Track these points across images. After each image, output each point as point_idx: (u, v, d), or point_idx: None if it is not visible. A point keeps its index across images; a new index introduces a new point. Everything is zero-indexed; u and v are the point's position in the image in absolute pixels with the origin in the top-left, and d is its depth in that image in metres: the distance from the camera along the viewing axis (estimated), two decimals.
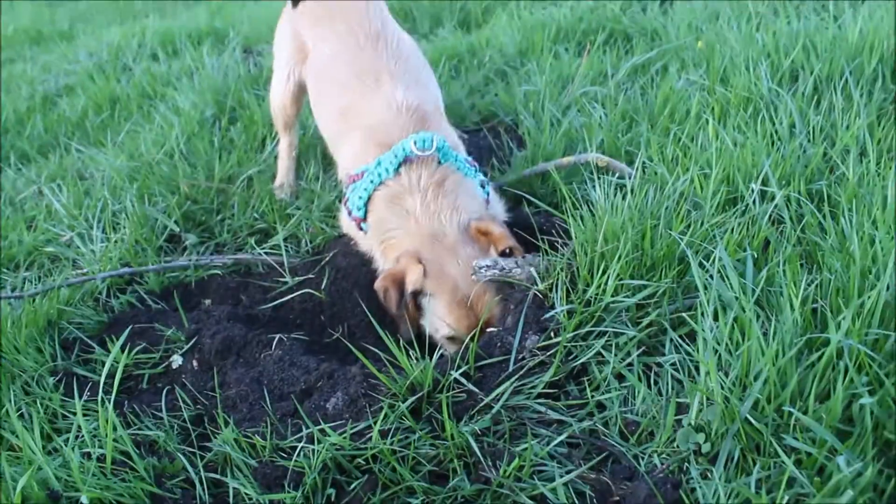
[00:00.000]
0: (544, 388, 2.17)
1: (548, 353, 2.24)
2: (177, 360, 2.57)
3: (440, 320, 2.53)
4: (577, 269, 2.41)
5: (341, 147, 3.03)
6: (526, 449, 1.97)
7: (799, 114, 3.12)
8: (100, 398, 2.26)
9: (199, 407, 2.40)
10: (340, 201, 2.98)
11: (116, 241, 3.26)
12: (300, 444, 2.10)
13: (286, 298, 2.84)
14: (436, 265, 2.53)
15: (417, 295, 2.55)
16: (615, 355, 2.19)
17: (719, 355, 2.00)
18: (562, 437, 2.03)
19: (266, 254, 3.07)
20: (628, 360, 2.18)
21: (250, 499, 2.00)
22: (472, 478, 1.97)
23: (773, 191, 2.57)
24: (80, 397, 2.27)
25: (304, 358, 2.44)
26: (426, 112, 2.87)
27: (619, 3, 4.99)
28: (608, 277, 2.30)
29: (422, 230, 2.59)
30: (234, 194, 3.44)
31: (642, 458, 1.96)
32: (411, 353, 2.25)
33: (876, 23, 3.69)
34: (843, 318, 1.90)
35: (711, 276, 2.19)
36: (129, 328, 2.66)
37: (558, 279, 2.40)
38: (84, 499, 1.94)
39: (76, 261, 3.26)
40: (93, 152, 4.43)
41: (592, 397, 2.14)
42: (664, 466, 1.90)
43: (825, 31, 3.84)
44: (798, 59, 3.60)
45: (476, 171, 2.80)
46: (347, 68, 3.05)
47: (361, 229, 2.79)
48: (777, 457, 1.76)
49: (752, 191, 2.60)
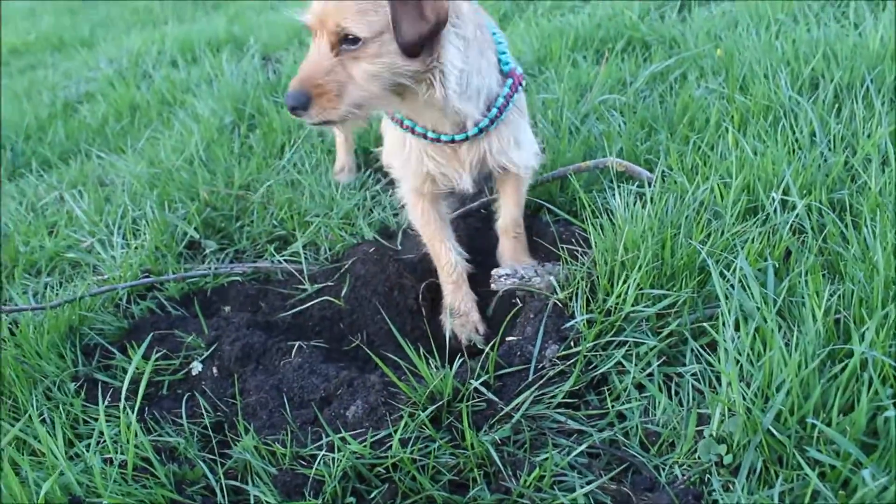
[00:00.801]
0: (564, 398, 2.16)
1: (568, 363, 2.23)
2: (196, 367, 2.58)
3: None
4: (597, 278, 2.41)
5: None
6: (546, 459, 1.96)
7: (819, 122, 3.10)
8: (122, 404, 2.28)
9: (219, 414, 2.41)
10: None
11: (137, 248, 3.28)
12: (320, 453, 2.11)
13: (305, 306, 2.85)
14: None
15: None
16: (635, 365, 2.18)
17: (741, 366, 1.99)
18: (582, 447, 2.02)
19: (285, 261, 3.09)
20: (649, 370, 2.18)
21: None
22: (493, 487, 1.97)
23: (795, 200, 2.56)
24: (102, 403, 2.29)
25: (324, 366, 2.45)
26: None
27: (637, 10, 4.98)
28: (628, 287, 2.29)
29: None
30: (253, 202, 3.45)
31: (663, 469, 1.95)
32: (431, 361, 2.25)
33: None
34: (866, 329, 1.89)
35: (732, 286, 2.19)
36: (150, 335, 2.68)
37: (578, 288, 2.40)
38: None
39: (97, 267, 3.29)
40: (113, 159, 4.47)
41: (613, 407, 2.14)
42: (685, 478, 1.89)
43: (846, 38, 3.82)
44: (818, 66, 3.58)
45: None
46: None
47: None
48: (800, 469, 1.75)
49: (773, 200, 2.59)
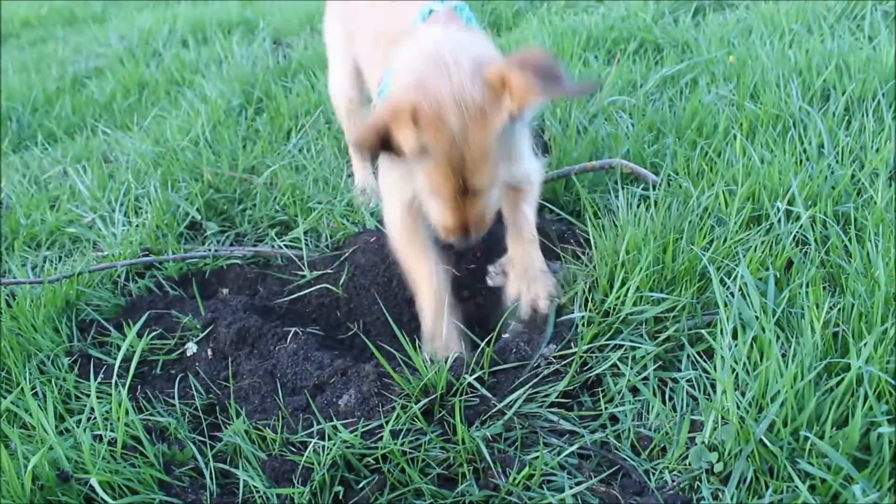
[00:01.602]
0: (558, 398, 2.16)
1: (563, 363, 2.23)
2: (191, 348, 2.57)
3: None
4: (597, 278, 2.40)
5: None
6: (536, 457, 1.96)
7: (828, 134, 3.09)
8: (114, 382, 2.28)
9: (211, 396, 2.40)
10: None
11: (138, 226, 3.27)
12: (311, 440, 2.10)
13: (304, 292, 2.84)
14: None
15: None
16: (631, 368, 2.18)
17: (736, 374, 1.99)
18: (573, 447, 2.02)
19: (286, 247, 3.08)
20: (644, 374, 2.17)
21: (258, 491, 2.00)
22: (481, 483, 1.96)
23: (799, 211, 2.55)
24: (95, 380, 2.29)
25: (319, 353, 2.44)
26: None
27: (651, 13, 4.96)
28: (628, 289, 2.29)
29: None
30: (257, 186, 3.44)
31: (653, 474, 1.95)
32: (427, 354, 2.25)
33: None
34: (864, 344, 1.89)
35: (732, 294, 2.18)
36: (146, 313, 2.68)
37: (577, 288, 2.39)
38: (93, 481, 1.95)
39: (97, 243, 3.28)
40: (119, 136, 4.46)
41: (606, 409, 2.13)
42: (675, 483, 1.89)
43: (859, 51, 3.80)
44: (830, 78, 3.56)
45: None
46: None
47: None
48: (791, 481, 1.74)
49: (778, 209, 2.58)
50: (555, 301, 2.42)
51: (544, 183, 3.13)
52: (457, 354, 2.29)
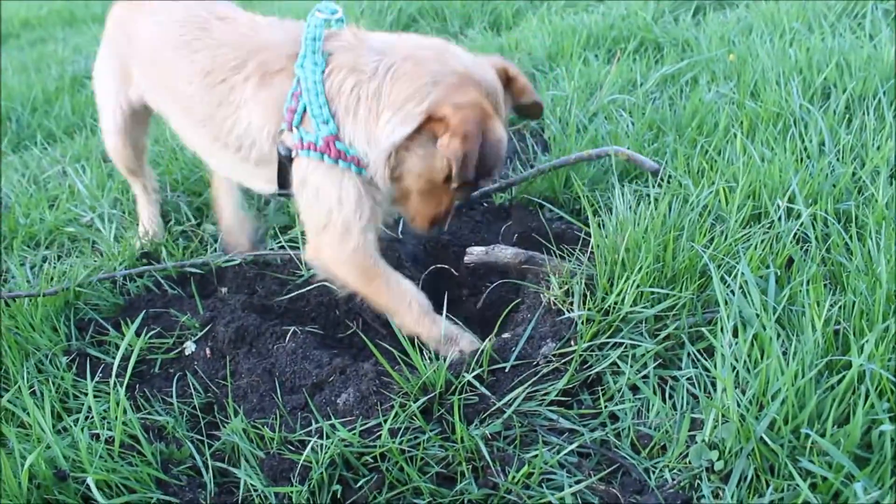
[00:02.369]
0: (557, 396, 2.14)
1: (563, 361, 2.21)
2: (190, 347, 2.56)
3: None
4: (597, 276, 2.39)
5: (237, 112, 2.42)
6: (536, 456, 1.95)
7: (829, 132, 3.08)
8: (112, 381, 2.26)
9: (209, 395, 2.40)
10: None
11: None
12: (309, 439, 2.09)
13: (302, 291, 2.83)
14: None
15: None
16: (631, 366, 2.17)
17: (737, 372, 1.97)
18: (573, 446, 2.01)
19: (283, 247, 3.07)
20: (644, 373, 2.16)
21: (256, 490, 2.00)
22: (480, 482, 1.96)
23: (800, 208, 2.54)
24: (93, 378, 2.28)
25: (317, 352, 2.43)
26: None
27: (651, 12, 4.95)
28: (628, 287, 2.27)
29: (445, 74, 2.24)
30: None
31: (653, 473, 1.94)
32: (426, 352, 2.23)
33: None
34: (866, 342, 1.88)
35: (733, 292, 2.17)
36: (145, 312, 2.67)
37: (577, 286, 2.38)
38: (90, 480, 1.94)
39: (95, 243, 3.27)
40: None
41: (606, 408, 2.12)
42: (675, 482, 1.88)
43: (860, 49, 3.79)
44: (831, 76, 3.55)
45: None
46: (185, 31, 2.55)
47: (339, 152, 2.30)
48: (792, 479, 1.73)
49: (779, 207, 2.57)
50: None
51: (542, 177, 3.13)
52: (471, 344, 2.38)
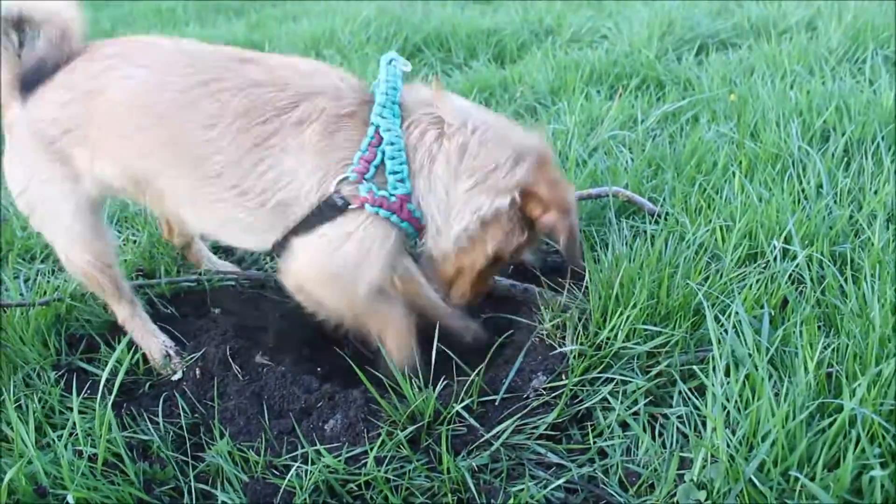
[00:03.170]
0: (546, 430, 2.13)
1: (553, 395, 2.20)
2: (178, 375, 2.54)
3: None
4: (590, 311, 2.38)
5: (279, 156, 2.20)
6: (522, 490, 1.93)
7: (827, 174, 3.09)
8: (98, 397, 2.24)
9: (196, 416, 2.37)
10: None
11: (136, 242, 3.26)
12: (294, 464, 2.07)
13: (295, 315, 2.81)
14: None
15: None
16: (621, 402, 2.15)
17: (728, 412, 1.96)
18: (560, 481, 1.99)
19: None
20: (634, 409, 2.14)
21: None
22: None
23: (796, 249, 2.54)
24: (80, 394, 2.26)
25: (307, 377, 2.41)
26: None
27: (654, 50, 4.99)
28: (621, 322, 2.27)
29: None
30: None
31: None
32: (414, 381, 2.22)
33: None
34: (858, 385, 1.86)
35: (726, 331, 2.16)
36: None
37: (570, 320, 2.37)
38: (70, 498, 1.92)
39: None
40: None
41: (595, 443, 2.10)
42: None
43: (860, 93, 3.82)
44: (830, 119, 3.57)
45: None
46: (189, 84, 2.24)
47: (409, 213, 2.20)
48: None
49: (775, 248, 2.57)
50: None
51: None
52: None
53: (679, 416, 2.10)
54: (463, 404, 2.15)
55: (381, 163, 2.15)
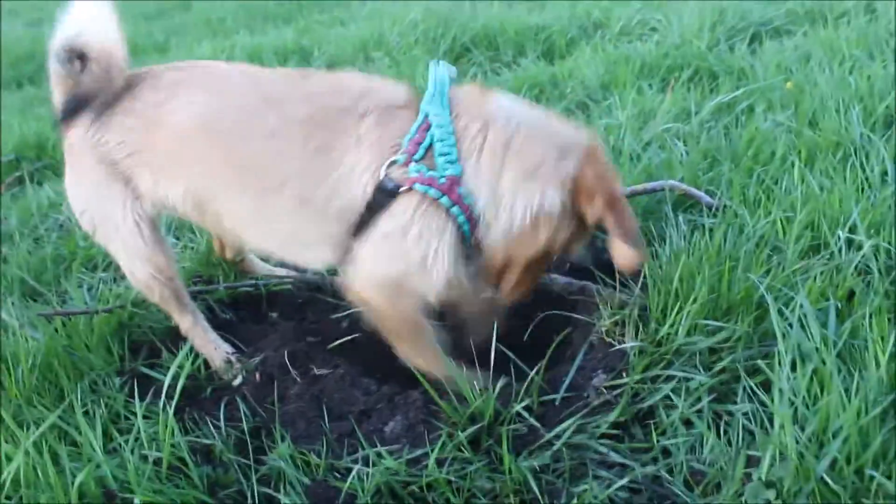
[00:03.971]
0: (608, 429, 2.10)
1: (614, 393, 2.17)
2: (238, 381, 2.57)
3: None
4: (650, 307, 2.34)
5: (341, 157, 2.20)
6: (585, 490, 1.90)
7: (892, 161, 2.99)
8: (162, 402, 2.28)
9: (257, 419, 2.40)
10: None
11: (193, 249, 3.31)
12: (355, 466, 2.08)
13: (352, 317, 2.83)
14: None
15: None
16: (684, 400, 2.11)
17: (795, 408, 1.91)
18: (623, 480, 1.96)
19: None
20: (698, 406, 2.10)
21: None
22: None
23: (861, 239, 2.46)
24: (143, 400, 2.30)
25: (366, 379, 2.42)
26: None
27: (705, 40, 4.90)
28: (681, 318, 2.22)
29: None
30: None
31: None
32: (475, 382, 2.21)
33: None
34: None
35: (791, 325, 2.11)
36: None
37: (629, 317, 2.33)
38: (137, 501, 1.95)
39: None
40: None
41: (658, 442, 2.06)
42: None
43: None
44: (893, 104, 3.46)
45: None
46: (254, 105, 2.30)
47: (459, 196, 2.17)
48: None
49: (839, 238, 2.50)
50: None
51: None
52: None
53: (745, 413, 2.05)
54: (523, 404, 2.14)
55: (430, 146, 2.16)
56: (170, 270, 2.58)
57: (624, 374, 2.21)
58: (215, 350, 2.66)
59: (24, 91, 7.55)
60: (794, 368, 1.98)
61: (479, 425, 2.11)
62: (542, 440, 2.08)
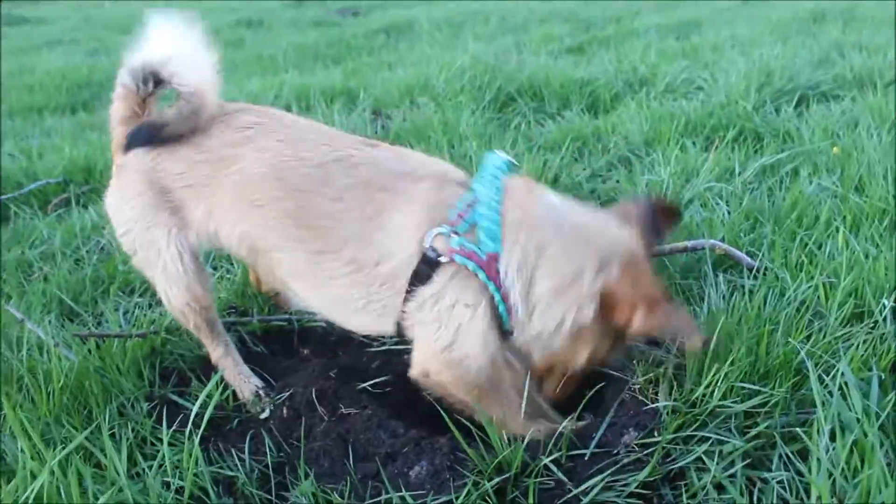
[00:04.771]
0: (637, 488, 2.05)
1: (645, 452, 2.12)
2: (265, 413, 2.56)
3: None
4: (686, 367, 2.30)
5: (391, 217, 2.22)
6: None
7: None
8: (188, 431, 2.28)
9: (282, 455, 2.38)
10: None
11: (230, 279, 3.34)
12: None
13: (384, 358, 2.82)
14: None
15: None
16: (717, 463, 2.05)
17: (834, 480, 1.85)
18: None
19: None
20: (731, 471, 2.04)
21: None
22: None
23: None
24: (171, 427, 2.30)
25: (393, 421, 2.40)
26: None
27: (752, 101, 4.89)
28: (718, 379, 2.18)
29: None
30: None
31: None
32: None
33: None
34: None
35: (831, 393, 2.05)
36: None
37: (663, 375, 2.29)
38: None
39: None
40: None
41: None
42: None
43: None
44: None
45: None
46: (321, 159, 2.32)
47: (497, 274, 2.16)
48: None
49: (884, 307, 2.45)
50: None
51: None
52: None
53: (779, 482, 1.99)
54: (551, 457, 2.10)
55: (475, 223, 2.16)
56: (206, 300, 2.59)
57: (656, 433, 2.16)
58: (245, 382, 2.66)
59: (78, 116, 7.73)
60: (833, 438, 1.93)
61: (505, 475, 2.07)
62: (570, 495, 2.04)
